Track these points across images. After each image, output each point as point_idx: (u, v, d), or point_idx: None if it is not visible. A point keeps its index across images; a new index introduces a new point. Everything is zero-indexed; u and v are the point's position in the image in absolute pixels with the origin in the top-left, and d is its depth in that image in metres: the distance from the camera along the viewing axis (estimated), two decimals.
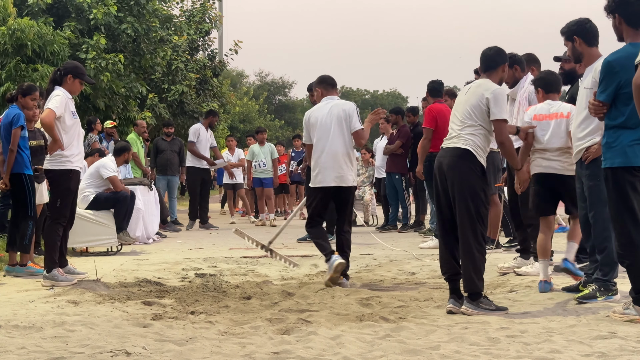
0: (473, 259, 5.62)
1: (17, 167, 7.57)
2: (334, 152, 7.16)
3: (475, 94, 5.80)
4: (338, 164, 7.16)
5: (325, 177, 7.18)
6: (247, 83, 62.47)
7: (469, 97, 5.83)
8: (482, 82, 5.88)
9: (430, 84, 10.78)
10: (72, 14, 16.36)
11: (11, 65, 13.80)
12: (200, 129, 14.24)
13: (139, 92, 16.96)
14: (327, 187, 7.19)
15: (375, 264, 8.70)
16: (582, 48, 5.92)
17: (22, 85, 8.00)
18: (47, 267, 7.10)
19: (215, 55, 24.22)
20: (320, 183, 7.22)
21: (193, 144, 14.09)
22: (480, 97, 5.76)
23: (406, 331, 4.92)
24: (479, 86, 5.85)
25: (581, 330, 4.80)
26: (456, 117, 5.85)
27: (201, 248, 10.55)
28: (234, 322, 5.32)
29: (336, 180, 7.17)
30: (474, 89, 5.85)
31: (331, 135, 7.17)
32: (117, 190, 10.18)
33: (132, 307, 5.87)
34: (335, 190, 7.23)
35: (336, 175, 7.15)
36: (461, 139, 5.75)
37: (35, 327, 4.99)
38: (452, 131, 5.84)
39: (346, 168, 7.21)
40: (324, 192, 7.24)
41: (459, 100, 5.93)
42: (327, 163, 7.16)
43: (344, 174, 7.19)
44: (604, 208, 5.61)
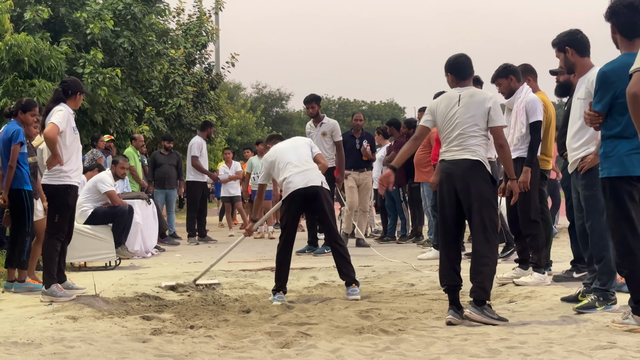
0: (486, 268, 5.66)
1: (17, 183, 7.56)
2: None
3: (473, 104, 5.80)
4: None
5: None
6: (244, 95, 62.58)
7: (466, 109, 5.80)
8: (475, 92, 5.89)
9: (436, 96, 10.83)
10: (69, 29, 16.39)
11: (8, 80, 13.81)
12: (202, 144, 14.26)
13: (137, 105, 16.97)
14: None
15: (374, 275, 8.69)
16: (575, 58, 5.97)
17: (21, 101, 7.98)
18: (46, 283, 7.08)
19: (212, 68, 24.26)
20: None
21: (197, 159, 14.05)
22: (480, 107, 5.78)
23: (406, 343, 4.92)
24: (473, 96, 5.84)
25: (581, 341, 4.80)
26: (453, 128, 5.82)
27: (200, 262, 10.53)
28: (233, 336, 5.31)
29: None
30: (467, 100, 5.83)
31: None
32: (115, 204, 10.18)
33: (131, 322, 5.85)
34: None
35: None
36: (468, 150, 5.75)
37: (34, 343, 4.98)
38: (453, 142, 5.81)
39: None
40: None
41: (450, 112, 5.86)
42: None
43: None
44: (601, 217, 5.63)
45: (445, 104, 5.93)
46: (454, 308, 5.66)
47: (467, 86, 5.95)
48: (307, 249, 11.33)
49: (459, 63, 5.98)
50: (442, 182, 5.85)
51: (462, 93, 5.90)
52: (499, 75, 7.92)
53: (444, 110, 5.91)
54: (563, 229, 14.32)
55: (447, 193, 5.80)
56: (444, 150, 5.91)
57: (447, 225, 5.84)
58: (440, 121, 5.93)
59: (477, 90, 5.94)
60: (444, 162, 5.88)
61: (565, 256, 9.68)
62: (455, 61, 6.00)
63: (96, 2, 16.85)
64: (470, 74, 6.01)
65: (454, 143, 5.82)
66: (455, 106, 5.86)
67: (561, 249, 10.62)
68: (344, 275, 7.19)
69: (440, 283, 5.86)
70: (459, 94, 5.90)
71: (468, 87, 5.93)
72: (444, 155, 5.90)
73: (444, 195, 5.83)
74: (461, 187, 5.73)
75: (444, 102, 5.95)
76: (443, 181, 5.84)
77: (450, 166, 5.81)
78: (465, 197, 5.72)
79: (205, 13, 23.55)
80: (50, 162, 7.13)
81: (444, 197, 5.83)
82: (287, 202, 7.32)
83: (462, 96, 5.87)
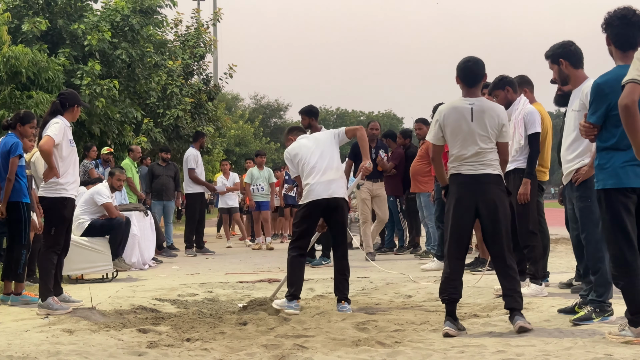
0: (516, 277, 5.70)
1: (15, 195, 7.56)
2: None
3: (488, 120, 5.71)
4: None
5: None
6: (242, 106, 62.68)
7: (481, 125, 5.70)
8: (485, 106, 5.76)
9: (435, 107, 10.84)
10: (67, 41, 16.41)
11: (6, 92, 13.81)
12: (198, 155, 14.33)
13: (134, 117, 16.98)
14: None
15: (372, 287, 8.68)
16: (569, 70, 5.98)
17: (19, 113, 7.96)
18: (42, 296, 7.06)
19: (210, 79, 24.29)
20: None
21: (193, 171, 14.12)
22: (494, 123, 5.73)
23: (402, 356, 4.90)
24: (485, 111, 5.72)
25: (577, 353, 4.79)
26: (469, 144, 5.70)
27: (197, 273, 10.52)
28: (229, 348, 5.30)
29: None
30: (480, 115, 5.71)
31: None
32: (112, 216, 10.17)
33: (128, 335, 5.83)
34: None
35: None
36: (488, 165, 5.71)
37: (29, 357, 4.96)
38: (470, 158, 5.70)
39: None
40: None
41: (464, 127, 5.71)
42: None
43: None
44: (596, 229, 5.63)
45: (455, 117, 5.77)
46: (451, 319, 5.65)
47: (476, 96, 5.81)
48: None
49: (466, 68, 5.83)
50: (460, 197, 5.71)
51: (474, 107, 5.75)
52: (496, 87, 7.92)
53: (455, 124, 5.76)
54: (561, 239, 14.33)
55: (466, 208, 5.70)
56: (459, 164, 5.76)
57: (463, 239, 5.77)
58: (451, 135, 5.79)
59: (487, 103, 5.83)
60: (461, 176, 5.74)
61: (563, 267, 9.68)
62: (464, 66, 5.85)
63: (94, 13, 16.87)
64: (479, 80, 5.85)
65: (472, 159, 5.70)
66: (468, 121, 5.73)
67: (558, 259, 10.62)
68: (339, 291, 7.14)
69: (441, 294, 5.78)
70: (470, 107, 5.75)
71: (478, 99, 5.79)
72: (460, 169, 5.75)
73: (463, 210, 5.71)
74: (485, 202, 5.66)
75: (452, 115, 5.78)
76: (462, 196, 5.71)
77: (471, 181, 5.70)
78: (490, 211, 5.66)
79: (203, 24, 23.61)
80: (46, 174, 7.11)
81: (462, 212, 5.71)
82: (306, 208, 7.16)
83: (475, 110, 5.73)
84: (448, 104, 5.88)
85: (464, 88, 5.86)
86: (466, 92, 5.85)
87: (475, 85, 5.83)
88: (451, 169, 5.82)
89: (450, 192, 5.82)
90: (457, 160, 5.77)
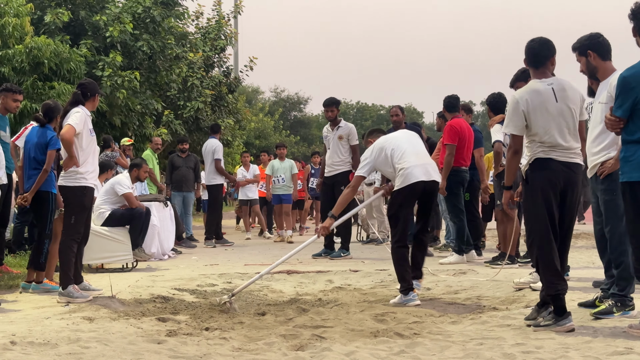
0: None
1: (46, 185, 7.63)
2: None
3: (570, 99, 5.54)
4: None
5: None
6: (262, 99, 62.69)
7: (567, 104, 5.52)
8: (563, 83, 5.55)
9: (446, 99, 10.71)
10: (89, 32, 16.49)
11: (28, 83, 13.91)
12: (221, 145, 14.37)
13: (155, 108, 17.05)
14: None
15: (391, 279, 8.65)
16: (597, 62, 5.88)
17: (50, 106, 7.94)
18: (63, 284, 7.11)
19: (230, 71, 24.31)
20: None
21: (220, 162, 14.16)
22: (576, 101, 5.58)
23: (421, 347, 4.90)
24: (565, 89, 5.54)
25: (597, 346, 4.76)
26: (556, 126, 5.48)
27: (216, 264, 10.55)
28: (248, 338, 5.31)
29: None
30: (562, 94, 5.50)
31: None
32: (133, 206, 10.22)
33: (147, 323, 5.87)
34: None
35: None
36: (578, 154, 5.58)
37: (50, 343, 5.00)
38: (560, 143, 5.48)
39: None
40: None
41: (549, 108, 5.46)
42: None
43: None
44: (620, 222, 5.59)
45: (539, 100, 5.49)
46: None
47: (547, 76, 5.60)
48: (324, 252, 11.33)
49: (530, 49, 5.62)
50: (552, 183, 5.45)
51: (554, 86, 5.52)
52: (518, 79, 7.90)
53: (541, 107, 5.47)
54: (582, 234, 14.24)
55: (554, 195, 5.46)
56: (546, 149, 5.48)
57: (552, 227, 5.47)
58: (537, 120, 5.48)
59: (563, 81, 5.61)
60: (553, 162, 5.47)
61: (583, 262, 9.62)
62: (528, 47, 5.64)
63: (116, 5, 16.94)
64: (544, 61, 5.60)
65: (563, 143, 5.49)
66: (553, 102, 5.49)
67: (579, 254, 10.55)
68: (417, 270, 7.14)
69: (554, 289, 5.37)
70: (551, 87, 5.52)
71: (553, 78, 5.59)
72: (551, 154, 5.47)
73: (551, 198, 5.45)
74: (572, 191, 5.52)
75: (536, 98, 5.49)
76: (554, 182, 5.45)
77: (563, 169, 5.48)
78: (571, 203, 5.54)
79: (224, 17, 23.62)
80: (66, 163, 7.15)
81: (551, 200, 5.45)
82: (404, 193, 6.93)
83: (556, 90, 5.51)
84: (526, 89, 5.60)
85: (533, 71, 5.67)
86: (535, 73, 5.65)
87: (542, 66, 5.61)
88: (538, 153, 5.50)
89: (536, 178, 5.49)
90: (547, 144, 5.48)
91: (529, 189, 5.54)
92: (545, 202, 5.43)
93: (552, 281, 5.38)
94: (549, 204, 5.44)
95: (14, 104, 8.07)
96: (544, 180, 5.47)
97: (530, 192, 5.52)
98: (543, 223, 5.44)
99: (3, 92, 8.07)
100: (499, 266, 8.81)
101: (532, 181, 5.52)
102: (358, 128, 13.19)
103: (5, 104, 8.03)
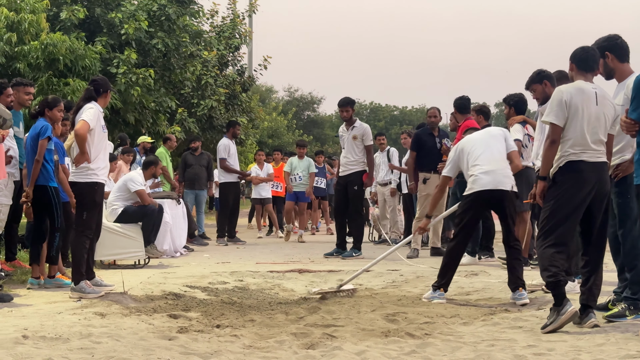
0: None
1: (42, 179, 7.63)
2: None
3: (608, 107, 5.59)
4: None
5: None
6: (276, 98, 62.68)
7: (606, 110, 5.57)
8: (605, 93, 5.64)
9: (458, 100, 10.67)
10: (104, 29, 16.53)
11: (43, 79, 13.95)
12: (230, 144, 14.25)
13: (169, 106, 17.07)
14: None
15: (402, 279, 8.65)
16: (614, 64, 5.86)
17: (46, 99, 8.01)
18: (75, 279, 7.14)
19: (244, 70, 24.32)
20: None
21: (225, 161, 14.09)
22: (613, 111, 5.61)
23: (432, 347, 4.88)
24: (605, 97, 5.61)
25: (609, 349, 4.74)
26: (593, 127, 5.51)
27: (228, 262, 10.57)
28: (259, 335, 5.32)
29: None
30: (603, 100, 5.57)
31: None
32: (145, 203, 10.24)
33: (158, 319, 5.88)
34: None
35: None
36: (604, 154, 5.59)
37: (62, 338, 5.02)
38: (591, 144, 5.51)
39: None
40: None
41: (590, 109, 5.51)
42: None
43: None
44: (634, 226, 5.56)
45: (581, 99, 5.53)
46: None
47: (591, 81, 5.67)
48: (335, 252, 11.32)
49: (584, 53, 5.67)
50: (583, 184, 5.47)
51: (598, 91, 5.59)
52: (533, 81, 7.86)
53: (582, 105, 5.52)
54: None
55: (586, 194, 5.48)
56: (580, 150, 5.51)
57: (575, 229, 5.57)
58: (574, 117, 5.53)
59: (603, 89, 5.70)
60: (583, 164, 5.49)
61: None
62: (582, 52, 5.68)
63: (131, 2, 16.97)
64: (596, 67, 5.70)
65: (593, 146, 5.52)
66: (594, 104, 5.54)
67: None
68: (514, 278, 6.83)
69: (556, 277, 5.46)
70: (595, 90, 5.58)
71: (598, 85, 5.68)
72: (582, 156, 5.50)
73: (582, 197, 5.48)
74: (602, 193, 5.53)
75: (579, 96, 5.54)
76: (585, 183, 5.47)
77: (593, 168, 5.49)
78: (600, 204, 5.54)
79: (238, 15, 23.63)
80: (78, 159, 7.19)
81: (582, 199, 5.48)
82: (470, 200, 6.97)
83: (598, 95, 5.57)
84: (572, 85, 5.64)
85: (581, 74, 5.67)
86: (583, 77, 5.66)
87: (592, 71, 5.68)
88: (569, 155, 5.52)
89: (567, 180, 5.51)
90: (578, 145, 5.51)
91: (558, 189, 5.55)
92: (575, 204, 5.48)
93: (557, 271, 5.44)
94: (578, 205, 5.49)
95: (27, 97, 8.13)
96: (575, 182, 5.50)
97: (559, 192, 5.53)
98: (570, 222, 5.50)
99: (14, 87, 8.12)
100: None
101: (561, 183, 5.54)
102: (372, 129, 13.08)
103: (18, 99, 8.08)
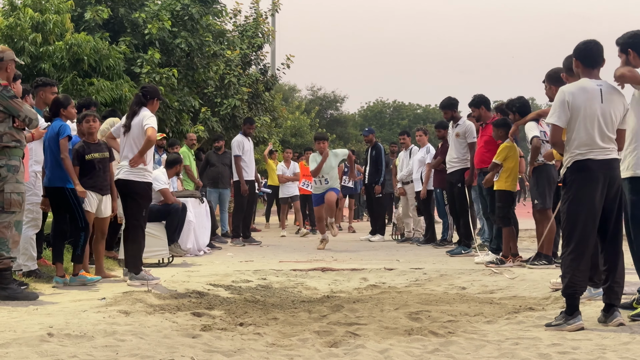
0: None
1: (59, 181, 7.76)
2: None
3: (616, 103, 5.52)
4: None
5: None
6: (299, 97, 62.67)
7: (613, 106, 5.51)
8: (611, 87, 5.57)
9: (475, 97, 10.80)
10: (128, 29, 16.63)
11: (68, 79, 14.06)
12: (244, 141, 13.92)
13: (192, 106, 17.13)
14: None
15: (426, 278, 8.63)
16: (636, 62, 5.78)
17: (58, 99, 8.10)
18: (136, 270, 7.80)
19: (267, 69, 24.33)
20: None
21: (239, 158, 13.81)
22: (620, 106, 5.56)
23: (455, 346, 4.86)
24: (612, 93, 5.54)
25: (635, 348, 4.70)
26: (600, 125, 5.46)
27: (251, 261, 10.59)
28: (282, 334, 5.33)
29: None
30: (609, 97, 5.50)
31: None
32: (169, 202, 10.29)
33: (182, 317, 5.91)
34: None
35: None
36: (614, 150, 5.54)
37: (86, 336, 5.06)
38: (600, 142, 5.46)
39: None
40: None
41: (594, 107, 5.44)
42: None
43: None
44: None
45: (585, 98, 5.48)
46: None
47: (598, 78, 5.60)
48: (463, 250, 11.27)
49: (588, 49, 5.60)
50: (593, 183, 5.42)
51: (603, 88, 5.52)
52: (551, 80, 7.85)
53: (585, 104, 5.47)
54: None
55: (600, 191, 5.43)
56: (587, 149, 5.46)
57: (594, 225, 5.46)
58: (579, 117, 5.48)
59: (611, 84, 5.63)
60: (591, 162, 5.44)
61: None
62: (585, 47, 5.61)
63: (154, 2, 17.05)
64: (601, 61, 5.62)
65: (600, 144, 5.46)
66: (599, 102, 5.48)
67: None
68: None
69: (573, 288, 5.41)
70: (599, 88, 5.51)
71: (603, 81, 5.60)
72: (589, 155, 5.45)
73: (597, 194, 5.42)
74: (615, 190, 5.49)
75: (582, 95, 5.48)
76: (595, 181, 5.41)
77: (606, 165, 5.45)
78: (614, 201, 5.50)
79: (261, 14, 23.64)
80: (136, 160, 7.77)
81: (597, 196, 5.42)
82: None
83: (604, 92, 5.51)
84: (574, 85, 5.60)
85: (585, 70, 5.62)
86: (589, 73, 5.60)
87: (597, 66, 5.61)
88: (576, 156, 5.49)
89: (575, 179, 5.48)
90: (584, 145, 5.47)
91: (568, 191, 5.50)
92: (587, 204, 5.41)
93: (575, 281, 5.38)
94: (590, 205, 5.41)
95: (52, 96, 8.26)
96: (584, 182, 5.44)
97: (570, 194, 5.49)
98: (584, 223, 5.42)
99: (40, 87, 8.32)
100: (535, 266, 8.76)
101: (571, 183, 5.49)
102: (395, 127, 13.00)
103: (44, 99, 8.28)
